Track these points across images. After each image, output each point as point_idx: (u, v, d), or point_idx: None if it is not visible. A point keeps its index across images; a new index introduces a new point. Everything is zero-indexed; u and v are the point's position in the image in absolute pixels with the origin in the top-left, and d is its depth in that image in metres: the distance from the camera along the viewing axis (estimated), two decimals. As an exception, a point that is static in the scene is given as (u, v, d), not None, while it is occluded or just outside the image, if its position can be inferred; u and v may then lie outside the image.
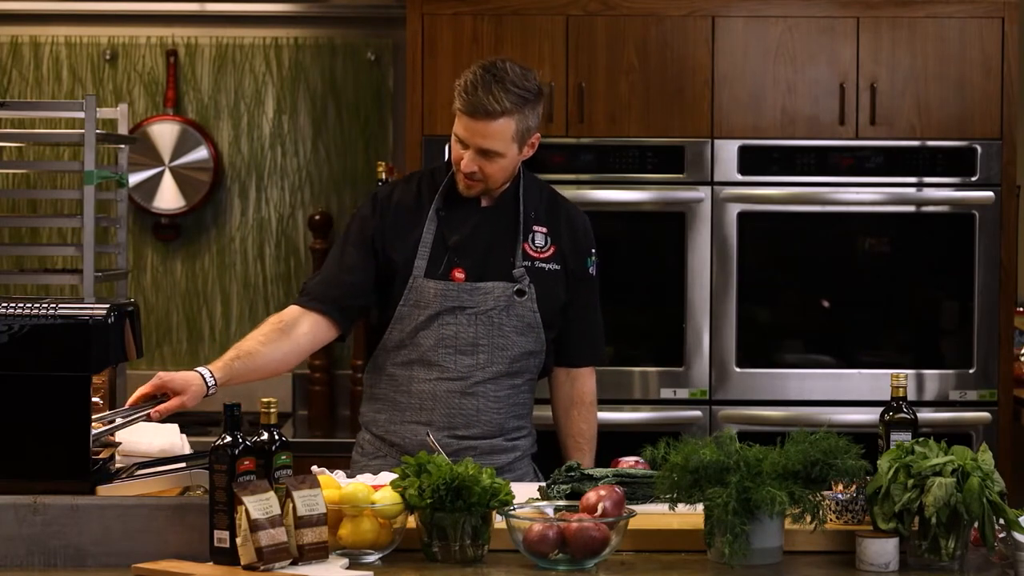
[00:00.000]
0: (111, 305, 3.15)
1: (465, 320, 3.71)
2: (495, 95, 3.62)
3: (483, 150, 3.65)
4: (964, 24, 5.11)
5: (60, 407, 3.09)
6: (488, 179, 3.70)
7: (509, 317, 3.71)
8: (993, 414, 5.11)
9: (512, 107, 3.62)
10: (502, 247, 3.75)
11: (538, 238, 3.77)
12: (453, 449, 3.69)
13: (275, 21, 5.81)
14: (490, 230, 3.76)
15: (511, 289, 3.72)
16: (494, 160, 3.67)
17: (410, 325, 3.74)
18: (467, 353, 3.71)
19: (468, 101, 3.63)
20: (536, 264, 3.75)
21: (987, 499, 2.97)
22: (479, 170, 3.67)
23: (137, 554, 2.97)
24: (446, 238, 3.74)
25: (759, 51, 5.11)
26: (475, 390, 3.72)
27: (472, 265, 3.73)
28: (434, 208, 3.77)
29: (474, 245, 3.75)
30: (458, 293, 3.71)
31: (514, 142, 3.66)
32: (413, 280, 3.73)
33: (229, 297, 5.84)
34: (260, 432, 3.00)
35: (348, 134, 5.82)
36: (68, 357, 3.09)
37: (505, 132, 3.64)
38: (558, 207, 3.84)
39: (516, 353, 3.73)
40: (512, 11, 5.10)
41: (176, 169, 5.76)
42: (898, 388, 3.26)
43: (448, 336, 3.71)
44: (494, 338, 3.72)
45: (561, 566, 2.98)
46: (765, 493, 2.95)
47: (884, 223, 5.15)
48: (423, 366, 3.74)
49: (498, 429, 3.75)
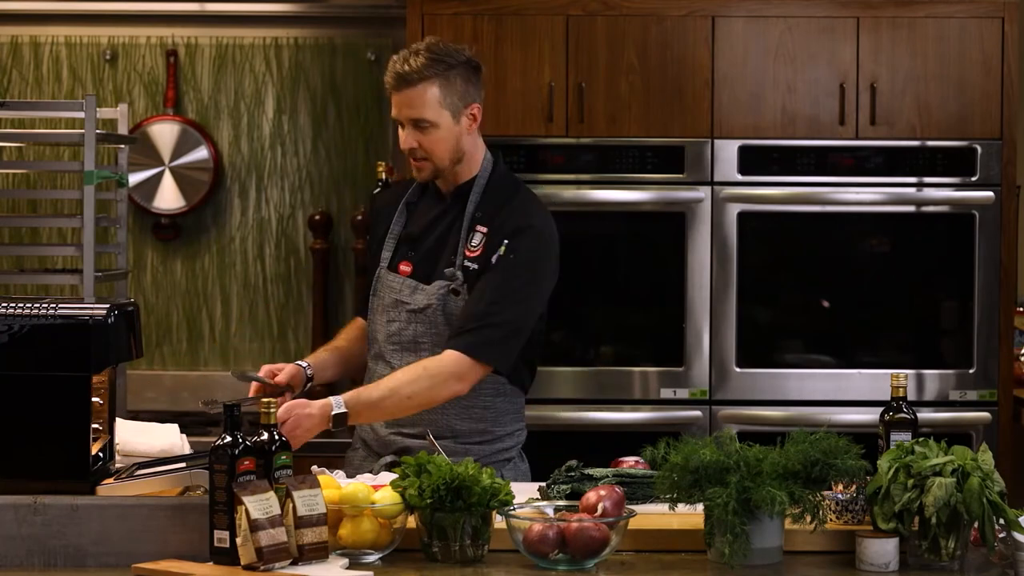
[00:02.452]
0: (111, 305, 3.15)
1: (406, 317, 3.71)
2: (411, 63, 3.64)
3: (414, 121, 3.64)
4: (964, 24, 5.11)
5: (60, 407, 3.09)
6: (431, 156, 3.68)
7: (446, 316, 3.68)
8: (993, 414, 5.11)
9: (430, 73, 3.62)
10: (448, 245, 3.73)
11: (476, 238, 3.69)
12: (398, 447, 3.70)
13: (275, 21, 5.81)
14: (443, 226, 3.75)
15: (446, 288, 3.68)
16: (428, 132, 3.65)
17: (375, 317, 3.78)
18: (410, 351, 3.70)
19: (389, 75, 3.66)
20: (467, 263, 3.68)
21: (987, 499, 2.97)
22: (419, 146, 3.67)
23: (137, 554, 2.97)
24: (409, 231, 3.77)
25: (759, 51, 5.11)
26: None
27: (420, 260, 3.74)
28: (404, 201, 3.80)
29: (426, 240, 3.76)
30: (400, 288, 3.74)
31: (444, 109, 3.64)
32: (380, 271, 3.79)
33: (229, 297, 5.84)
34: (260, 432, 3.00)
35: (348, 134, 5.82)
36: (68, 357, 3.09)
37: (428, 98, 3.63)
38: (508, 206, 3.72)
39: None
40: (512, 11, 5.10)
41: (176, 169, 5.76)
42: (898, 388, 3.26)
43: (393, 333, 3.73)
44: (433, 336, 3.69)
45: (561, 566, 2.98)
46: (765, 493, 2.95)
47: (884, 223, 5.15)
48: (380, 360, 3.77)
49: (447, 430, 3.68)
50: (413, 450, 3.63)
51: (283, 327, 5.83)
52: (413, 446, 3.66)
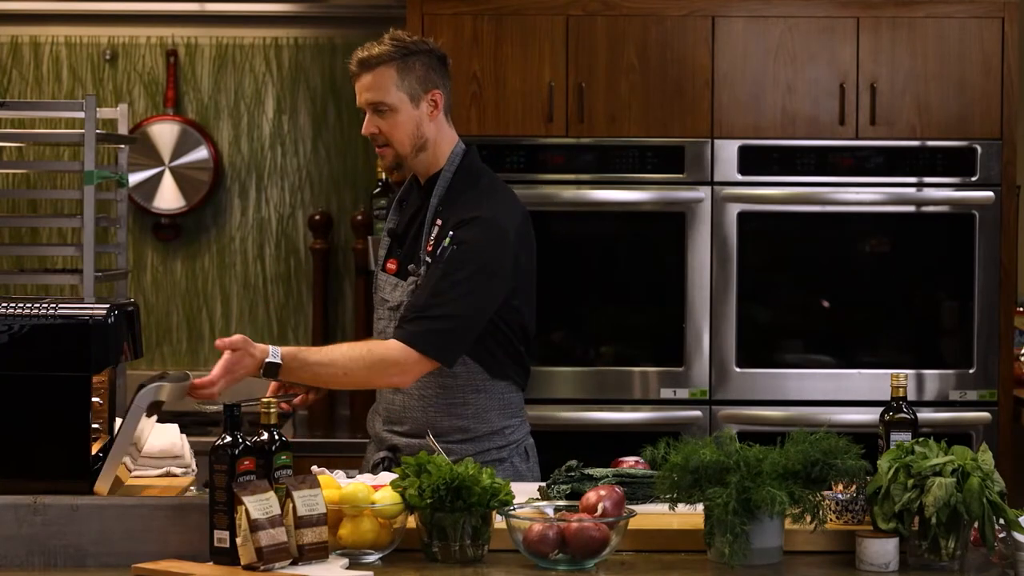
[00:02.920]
0: (111, 305, 3.15)
1: (386, 315, 3.72)
2: (368, 48, 3.66)
3: (373, 105, 3.65)
4: (964, 24, 5.11)
5: (60, 407, 3.09)
6: (391, 141, 3.66)
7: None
8: (993, 414, 5.11)
9: (387, 56, 3.63)
10: (418, 241, 3.71)
11: (435, 230, 3.67)
12: (387, 444, 3.71)
13: (275, 21, 5.81)
14: (419, 221, 3.74)
15: (414, 283, 3.67)
16: (387, 116, 3.64)
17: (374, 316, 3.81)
18: None
19: (352, 62, 3.68)
20: (427, 257, 3.66)
21: (987, 499, 2.97)
22: (379, 131, 3.66)
23: (137, 554, 2.97)
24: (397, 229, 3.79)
25: (759, 51, 5.11)
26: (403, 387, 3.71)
27: (403, 257, 3.74)
28: (397, 199, 3.83)
29: (407, 236, 3.76)
30: (384, 285, 3.75)
31: (402, 92, 3.64)
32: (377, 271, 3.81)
33: (229, 297, 5.84)
34: (260, 432, 3.00)
35: (348, 134, 5.82)
36: (68, 357, 3.09)
37: (386, 81, 3.63)
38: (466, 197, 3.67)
39: None
40: (512, 11, 5.10)
41: (176, 169, 5.76)
42: (898, 388, 3.26)
43: (380, 331, 3.74)
44: None
45: (561, 566, 2.98)
46: (765, 493, 2.95)
47: (884, 223, 5.15)
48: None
49: (430, 427, 3.65)
50: (401, 448, 3.67)
51: (283, 327, 5.83)
52: (400, 444, 3.69)
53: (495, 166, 4.99)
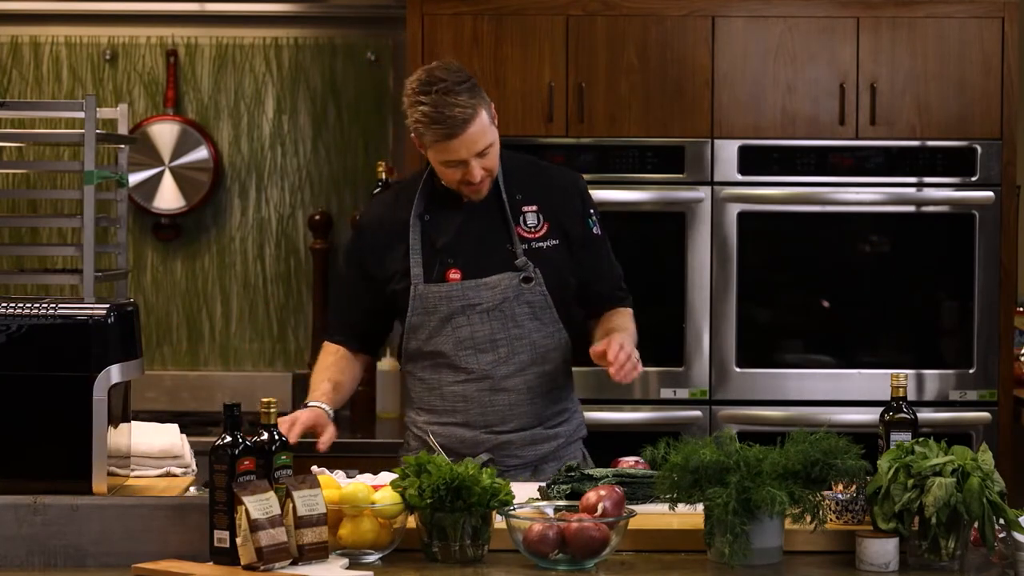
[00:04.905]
0: (111, 305, 3.15)
1: (477, 319, 3.71)
2: (459, 103, 3.61)
3: (480, 153, 3.65)
4: (964, 24, 5.11)
5: (60, 407, 3.09)
6: (492, 172, 3.71)
7: (520, 305, 3.70)
8: (993, 414, 5.11)
9: (474, 100, 3.63)
10: (495, 238, 3.74)
11: (529, 218, 3.74)
12: (491, 444, 3.70)
13: (275, 21, 5.81)
14: (479, 224, 3.75)
15: (517, 278, 3.71)
16: (489, 154, 3.67)
17: (424, 332, 3.74)
18: (486, 351, 3.71)
19: (444, 127, 3.61)
20: (533, 245, 3.73)
21: (987, 499, 2.97)
22: (485, 171, 3.68)
23: (137, 554, 2.98)
24: (434, 242, 3.74)
25: (759, 51, 5.11)
26: (504, 385, 3.72)
27: (467, 264, 3.73)
28: (415, 215, 3.76)
29: (464, 243, 3.74)
30: (462, 292, 3.71)
31: (492, 126, 3.68)
32: (415, 288, 3.73)
33: (229, 297, 5.84)
34: (260, 432, 3.00)
35: (348, 134, 5.82)
36: (68, 357, 3.09)
37: (485, 123, 3.65)
38: (543, 177, 3.82)
39: (535, 338, 3.73)
40: (512, 11, 5.10)
41: (176, 169, 5.76)
42: (898, 388, 3.26)
43: (464, 337, 3.71)
44: (510, 330, 3.71)
45: (561, 566, 2.98)
46: (765, 493, 2.95)
47: (884, 223, 5.15)
48: (449, 369, 3.75)
49: (536, 419, 3.74)
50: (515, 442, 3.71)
51: (283, 327, 5.84)
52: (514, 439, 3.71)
53: (495, 166, 5.01)
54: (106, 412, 3.10)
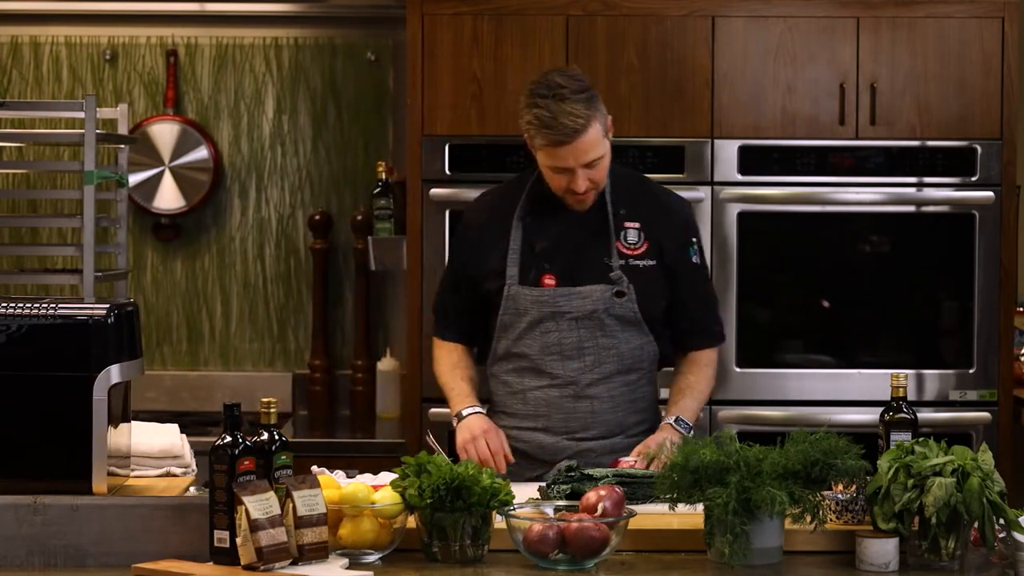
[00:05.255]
0: (111, 305, 3.15)
1: (566, 325, 3.72)
2: (573, 112, 3.65)
3: (588, 163, 3.67)
4: (964, 24, 5.10)
5: (60, 407, 3.09)
6: (598, 184, 3.74)
7: (611, 318, 3.73)
8: (993, 414, 5.11)
9: (589, 112, 3.67)
10: (594, 249, 3.76)
11: (631, 235, 3.78)
12: (572, 452, 3.70)
13: (275, 21, 5.81)
14: (580, 233, 3.77)
15: (610, 291, 3.73)
16: (598, 166, 3.70)
17: (514, 333, 3.77)
18: (573, 358, 3.72)
19: (555, 132, 3.65)
20: (631, 262, 3.76)
21: (987, 499, 2.97)
22: (590, 182, 3.70)
23: (137, 554, 2.98)
24: (533, 245, 3.74)
25: (759, 51, 5.11)
26: (587, 393, 3.74)
27: (563, 270, 3.75)
28: (518, 216, 3.79)
29: (563, 249, 3.76)
30: (553, 299, 3.73)
31: (605, 138, 3.71)
32: (508, 288, 3.75)
33: (229, 297, 5.84)
34: (260, 432, 3.00)
35: (348, 134, 5.82)
36: (68, 357, 3.09)
37: (597, 135, 3.68)
38: (653, 199, 3.85)
39: (624, 350, 3.75)
40: (512, 11, 5.10)
41: (176, 169, 5.76)
42: (898, 388, 3.27)
43: (552, 343, 3.73)
44: (598, 339, 3.73)
45: (561, 566, 2.98)
46: (765, 493, 2.95)
47: (884, 223, 5.15)
48: (534, 373, 3.76)
49: (617, 427, 3.76)
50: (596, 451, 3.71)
51: (283, 327, 5.83)
52: (595, 447, 3.72)
53: (495, 166, 5.02)
54: (106, 412, 3.10)
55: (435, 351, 3.96)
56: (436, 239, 5.05)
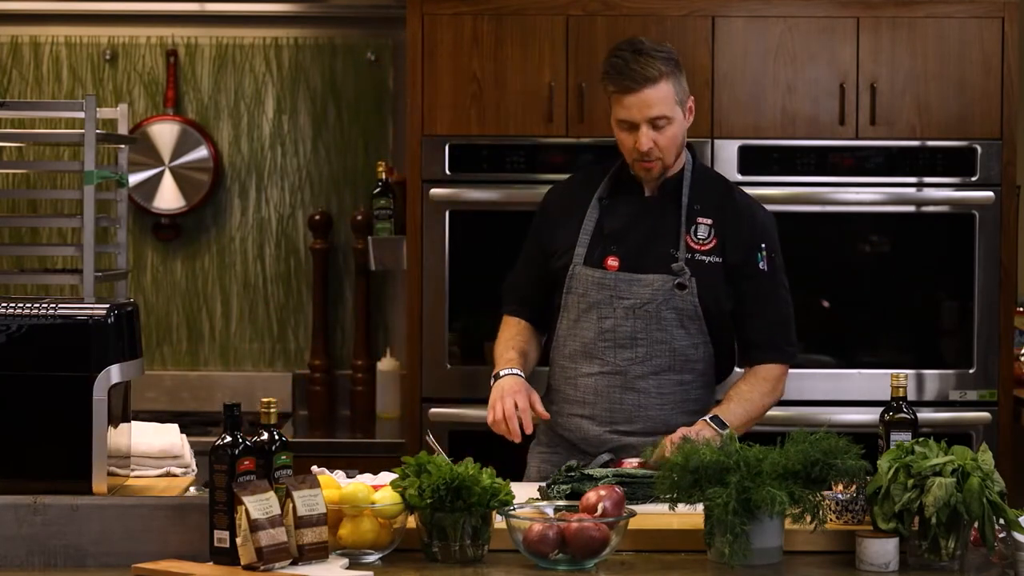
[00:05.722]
0: (111, 305, 3.15)
1: (622, 313, 3.71)
2: (648, 62, 3.69)
3: (653, 120, 3.69)
4: (964, 24, 5.10)
5: (60, 407, 3.09)
6: (664, 152, 3.73)
7: (668, 310, 3.71)
8: (993, 414, 5.11)
9: (666, 69, 3.69)
10: (662, 238, 3.75)
11: (701, 230, 3.77)
12: (614, 445, 3.69)
13: (275, 21, 5.81)
14: (651, 220, 3.77)
15: (671, 282, 3.72)
16: (664, 130, 3.70)
17: (574, 313, 3.76)
18: (625, 347, 3.72)
19: (625, 78, 3.69)
20: (696, 256, 3.75)
21: (987, 499, 2.97)
22: (655, 147, 3.70)
23: (137, 554, 2.98)
24: (603, 226, 3.73)
25: (759, 51, 5.11)
26: (635, 384, 3.72)
27: (627, 254, 3.74)
28: (597, 196, 3.81)
29: (632, 234, 3.76)
30: (614, 282, 3.72)
31: (677, 106, 3.72)
32: (573, 268, 3.76)
33: (229, 297, 5.84)
34: (260, 432, 3.00)
35: (348, 134, 5.82)
36: (68, 357, 3.09)
37: (668, 95, 3.70)
38: (731, 200, 3.83)
39: (677, 346, 3.72)
40: (512, 11, 5.10)
41: (176, 169, 5.76)
42: (898, 388, 3.27)
43: (607, 329, 3.72)
44: (652, 331, 3.71)
45: (561, 566, 2.98)
46: (765, 493, 2.95)
47: (884, 223, 5.15)
48: (586, 358, 3.75)
49: (662, 426, 3.71)
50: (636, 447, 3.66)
51: (283, 327, 5.83)
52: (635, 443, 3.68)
53: (495, 166, 5.02)
54: (106, 412, 3.10)
55: (500, 329, 3.94)
56: (436, 239, 5.06)
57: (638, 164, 3.75)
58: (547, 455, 3.83)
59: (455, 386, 5.03)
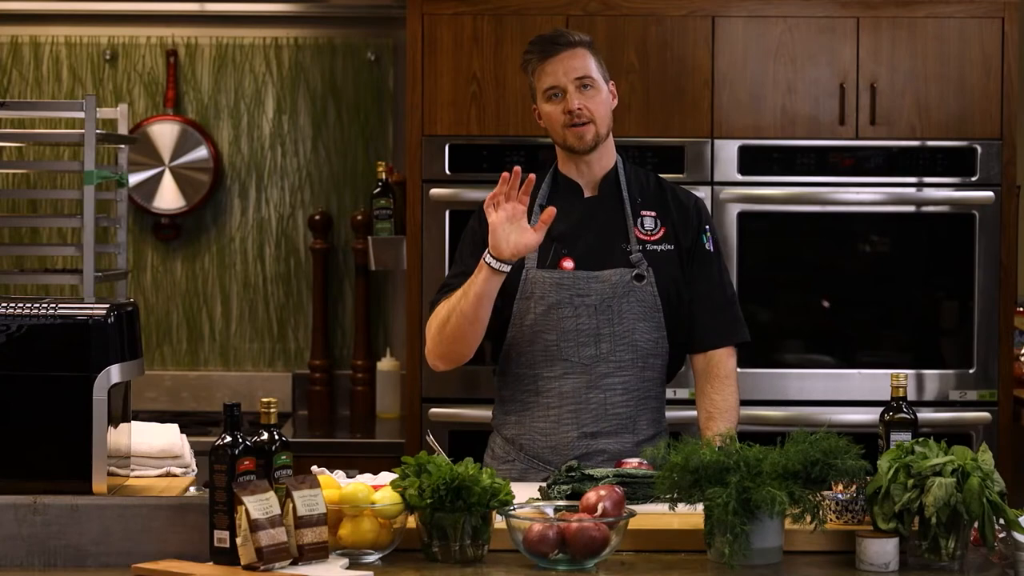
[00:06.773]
0: (111, 305, 3.15)
1: (584, 311, 3.71)
2: (565, 34, 3.80)
3: (579, 81, 3.73)
4: (964, 24, 5.11)
5: (60, 407, 3.09)
6: (596, 119, 3.75)
7: (629, 304, 3.72)
8: (993, 414, 5.11)
9: (583, 41, 3.78)
10: (611, 235, 3.76)
11: (647, 221, 3.79)
12: (580, 453, 3.67)
13: (275, 21, 5.81)
14: (598, 219, 3.78)
15: (629, 275, 3.73)
16: (592, 97, 3.74)
17: (529, 319, 3.73)
18: (588, 344, 3.71)
19: (545, 46, 3.77)
20: (648, 247, 3.76)
21: (987, 499, 2.97)
22: (584, 108, 3.72)
23: (137, 554, 2.98)
24: (551, 230, 3.73)
25: (759, 51, 5.11)
26: (600, 383, 3.71)
27: (581, 255, 3.75)
28: (537, 203, 3.79)
29: (581, 235, 3.77)
30: (573, 281, 3.72)
31: (601, 79, 3.78)
32: (526, 272, 3.74)
33: (229, 297, 5.84)
34: (260, 432, 3.00)
35: (348, 134, 5.82)
36: (68, 357, 3.09)
37: (591, 63, 3.77)
38: (664, 190, 3.87)
39: (638, 339, 3.72)
40: (512, 11, 5.10)
41: (176, 169, 5.76)
42: (898, 388, 3.27)
43: (569, 329, 3.71)
44: (615, 326, 3.71)
45: (561, 566, 2.98)
46: (765, 493, 2.95)
47: (884, 223, 5.15)
48: (548, 363, 3.73)
49: (630, 424, 3.71)
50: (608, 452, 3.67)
51: (283, 327, 5.84)
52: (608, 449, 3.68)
53: (495, 166, 5.02)
54: (106, 412, 3.10)
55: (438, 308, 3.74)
56: (436, 239, 5.06)
57: (570, 131, 3.74)
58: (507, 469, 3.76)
59: (455, 386, 5.03)
